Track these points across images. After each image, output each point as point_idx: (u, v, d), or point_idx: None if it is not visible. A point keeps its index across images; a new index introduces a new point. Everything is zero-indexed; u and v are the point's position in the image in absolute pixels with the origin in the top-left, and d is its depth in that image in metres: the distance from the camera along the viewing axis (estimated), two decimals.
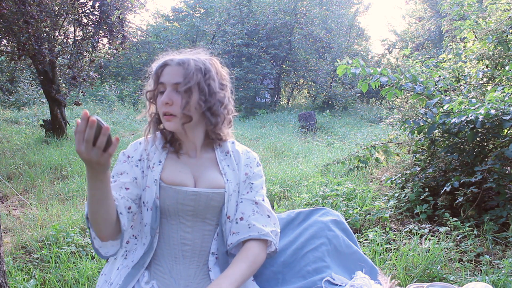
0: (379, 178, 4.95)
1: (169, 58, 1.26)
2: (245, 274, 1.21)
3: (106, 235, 1.19)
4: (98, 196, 1.10)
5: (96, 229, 1.17)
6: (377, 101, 17.16)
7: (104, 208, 1.12)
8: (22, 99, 12.20)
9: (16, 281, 2.42)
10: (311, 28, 16.30)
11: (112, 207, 1.15)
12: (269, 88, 17.43)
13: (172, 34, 17.30)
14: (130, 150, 1.33)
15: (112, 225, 1.18)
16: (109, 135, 1.00)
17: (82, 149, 0.99)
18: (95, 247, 1.24)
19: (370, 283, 1.36)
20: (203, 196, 1.27)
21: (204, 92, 1.23)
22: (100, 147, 0.99)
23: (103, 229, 1.17)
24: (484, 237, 3.00)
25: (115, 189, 1.24)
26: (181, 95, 1.22)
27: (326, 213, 1.59)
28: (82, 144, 0.99)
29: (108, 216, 1.15)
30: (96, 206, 1.12)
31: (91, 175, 1.06)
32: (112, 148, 1.01)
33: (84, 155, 1.00)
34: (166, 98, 1.22)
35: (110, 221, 1.16)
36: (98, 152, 1.00)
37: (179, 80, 1.21)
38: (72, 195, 4.36)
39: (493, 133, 3.37)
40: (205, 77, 1.23)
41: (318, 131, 10.49)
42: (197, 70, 1.22)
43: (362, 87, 3.78)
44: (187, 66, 1.22)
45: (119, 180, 1.26)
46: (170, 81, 1.22)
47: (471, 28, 4.13)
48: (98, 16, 7.26)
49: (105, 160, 1.02)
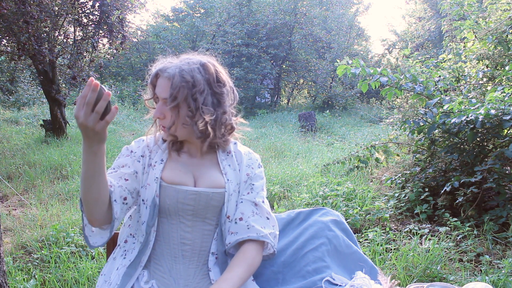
0: (379, 178, 4.95)
1: (162, 66, 1.25)
2: (243, 278, 1.22)
3: (97, 218, 1.19)
4: (91, 172, 1.10)
5: (87, 210, 1.17)
6: (377, 101, 17.17)
7: (96, 186, 1.13)
8: (22, 99, 12.20)
9: (16, 281, 2.42)
10: (311, 28, 16.31)
11: (104, 186, 1.15)
12: (269, 88, 17.44)
13: (172, 34, 17.30)
14: (133, 145, 1.35)
15: (103, 208, 1.17)
16: (109, 102, 1.01)
17: (81, 114, 1.00)
18: (85, 233, 1.24)
19: (370, 283, 1.36)
20: (203, 195, 1.28)
21: (191, 107, 1.21)
22: (99, 112, 1.00)
23: (94, 211, 1.16)
24: (484, 237, 3.00)
25: (114, 177, 1.25)
26: (170, 112, 1.23)
27: (326, 213, 1.59)
28: (82, 109, 1.00)
29: (100, 196, 1.15)
30: (89, 182, 1.12)
31: (86, 147, 1.07)
32: (110, 116, 1.02)
33: (81, 120, 1.00)
34: (157, 113, 1.24)
35: (102, 202, 1.16)
36: (95, 117, 1.00)
37: (167, 95, 1.22)
38: (72, 195, 4.36)
39: (493, 133, 3.37)
40: (193, 91, 1.20)
41: (318, 131, 10.50)
42: (183, 86, 1.19)
43: (362, 87, 3.78)
44: (173, 80, 1.20)
45: (120, 171, 1.28)
46: (161, 95, 1.24)
47: (471, 28, 4.13)
48: (98, 16, 7.26)
49: (101, 128, 1.03)
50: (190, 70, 1.21)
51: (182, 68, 1.22)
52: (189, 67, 1.22)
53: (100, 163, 1.10)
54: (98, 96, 1.00)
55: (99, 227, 1.24)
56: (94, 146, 1.06)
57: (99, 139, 1.05)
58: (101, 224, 1.22)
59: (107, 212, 1.20)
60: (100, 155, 1.09)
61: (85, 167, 1.10)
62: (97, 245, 1.26)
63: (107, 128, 1.04)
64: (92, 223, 1.21)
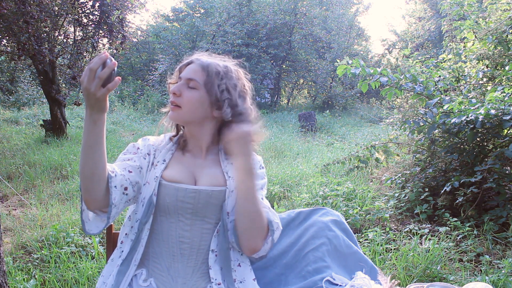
0: (379, 178, 4.95)
1: (197, 57, 1.32)
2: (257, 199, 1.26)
3: (93, 199, 1.18)
4: (90, 142, 1.13)
5: (84, 186, 1.17)
6: (377, 101, 17.17)
7: (93, 158, 1.14)
8: (22, 99, 12.20)
9: (16, 281, 2.42)
10: (311, 28, 16.30)
11: (102, 160, 1.16)
12: (269, 88, 17.43)
13: (172, 34, 17.28)
14: (140, 143, 1.37)
15: (99, 185, 1.17)
16: (112, 71, 1.08)
17: (85, 79, 1.07)
18: (82, 218, 1.25)
19: (370, 283, 1.36)
20: (203, 193, 1.28)
21: (217, 96, 1.26)
22: (100, 78, 1.06)
23: (90, 187, 1.16)
24: (484, 237, 3.01)
25: (119, 167, 1.26)
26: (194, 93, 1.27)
27: (326, 213, 1.59)
28: (87, 75, 1.06)
29: (96, 170, 1.15)
30: (87, 154, 1.14)
31: (87, 116, 1.12)
32: (111, 84, 1.08)
33: (85, 84, 1.07)
34: (175, 88, 1.28)
35: (98, 177, 1.16)
36: (98, 83, 1.06)
37: (193, 77, 1.27)
38: (72, 195, 4.36)
39: (493, 133, 3.37)
40: (221, 81, 1.27)
41: (318, 131, 10.50)
42: (216, 73, 1.27)
43: (362, 87, 3.78)
44: (209, 68, 1.27)
45: (125, 162, 1.29)
46: (186, 76, 1.29)
47: (471, 28, 4.13)
48: (98, 16, 7.26)
49: (102, 95, 1.08)
50: (225, 66, 1.31)
51: (218, 63, 1.30)
52: (224, 64, 1.31)
53: (99, 134, 1.14)
54: (104, 64, 1.07)
55: (95, 212, 1.23)
56: (94, 114, 1.11)
57: (99, 107, 1.10)
58: (97, 207, 1.21)
59: (104, 196, 1.19)
60: (100, 125, 1.13)
61: (85, 137, 1.14)
62: (92, 233, 1.27)
63: (107, 96, 1.10)
64: (88, 204, 1.20)
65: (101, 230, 1.27)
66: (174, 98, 1.28)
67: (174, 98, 1.28)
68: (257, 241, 1.27)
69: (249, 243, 1.27)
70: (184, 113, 1.27)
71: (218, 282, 1.30)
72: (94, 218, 1.26)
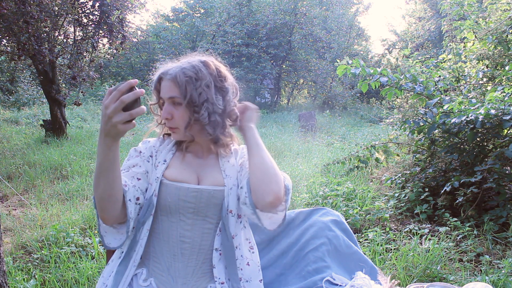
0: (379, 178, 4.95)
1: (164, 70, 1.28)
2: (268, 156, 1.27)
3: (110, 216, 1.18)
4: (105, 166, 1.09)
5: (99, 207, 1.16)
6: (377, 101, 17.16)
7: (110, 181, 1.12)
8: (22, 99, 12.20)
9: (16, 281, 2.42)
10: (311, 28, 16.30)
11: (117, 182, 1.14)
12: (269, 88, 17.45)
13: (172, 34, 17.29)
14: (141, 147, 1.37)
15: (116, 205, 1.17)
16: (137, 99, 1.01)
17: (112, 106, 0.99)
18: (100, 233, 1.25)
19: (370, 283, 1.36)
20: (205, 193, 1.28)
21: (197, 102, 1.23)
22: (123, 101, 0.99)
23: (106, 208, 1.16)
24: (484, 237, 3.00)
25: (127, 177, 1.26)
26: (181, 110, 1.24)
27: (326, 213, 1.59)
28: (114, 103, 1.00)
29: (113, 192, 1.14)
30: (102, 177, 1.11)
31: (100, 140, 1.06)
32: (135, 111, 1.01)
33: (110, 111, 1.00)
34: (165, 113, 1.26)
35: (114, 199, 1.15)
36: (118, 105, 0.99)
37: (172, 94, 1.24)
38: (72, 195, 4.36)
39: (493, 133, 3.37)
40: (197, 85, 1.23)
41: (318, 131, 10.49)
42: (187, 81, 1.23)
43: (362, 87, 3.78)
44: (178, 79, 1.23)
45: (132, 170, 1.29)
46: (165, 95, 1.26)
47: (471, 28, 4.13)
48: (98, 16, 7.26)
49: (120, 121, 1.01)
50: (192, 66, 1.25)
51: (183, 67, 1.25)
52: (190, 65, 1.26)
53: (113, 158, 1.09)
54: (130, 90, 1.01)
55: (111, 226, 1.24)
56: (108, 140, 1.05)
57: (115, 133, 1.04)
58: (113, 222, 1.22)
59: (121, 211, 1.20)
60: (114, 150, 1.08)
61: (99, 160, 1.09)
62: (112, 246, 1.26)
63: (126, 128, 1.03)
64: (105, 220, 1.20)
65: (121, 244, 1.26)
66: (168, 123, 1.28)
67: (168, 123, 1.28)
68: (276, 188, 1.20)
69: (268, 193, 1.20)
70: (183, 131, 1.27)
71: (221, 281, 1.30)
72: (111, 231, 1.26)
